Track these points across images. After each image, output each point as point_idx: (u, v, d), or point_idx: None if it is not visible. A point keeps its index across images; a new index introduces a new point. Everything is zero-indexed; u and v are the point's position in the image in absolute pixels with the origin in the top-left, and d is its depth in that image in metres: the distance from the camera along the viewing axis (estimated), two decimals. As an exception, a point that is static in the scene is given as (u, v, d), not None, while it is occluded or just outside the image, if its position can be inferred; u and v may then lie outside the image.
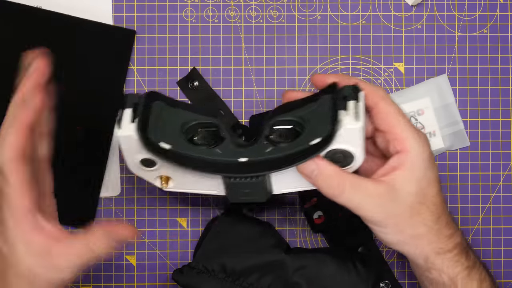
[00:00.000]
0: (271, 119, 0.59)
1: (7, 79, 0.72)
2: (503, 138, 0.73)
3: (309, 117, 0.58)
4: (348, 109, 0.56)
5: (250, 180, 0.58)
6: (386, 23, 0.73)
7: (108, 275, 0.72)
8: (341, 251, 0.69)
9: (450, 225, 0.59)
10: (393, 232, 0.58)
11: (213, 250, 0.67)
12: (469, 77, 0.73)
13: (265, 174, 0.58)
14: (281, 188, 0.61)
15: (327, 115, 0.56)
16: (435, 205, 0.58)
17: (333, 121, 0.55)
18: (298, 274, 0.66)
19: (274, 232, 0.70)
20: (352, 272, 0.67)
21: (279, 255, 0.67)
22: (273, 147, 0.57)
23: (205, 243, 0.68)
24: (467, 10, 0.73)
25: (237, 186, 0.59)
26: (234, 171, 0.58)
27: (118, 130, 0.57)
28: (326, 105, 0.57)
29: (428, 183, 0.57)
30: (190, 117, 0.59)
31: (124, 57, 0.72)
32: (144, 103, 0.58)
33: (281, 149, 0.57)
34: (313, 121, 0.57)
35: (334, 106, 0.56)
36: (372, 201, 0.57)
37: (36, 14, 0.71)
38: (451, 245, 0.59)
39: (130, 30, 0.72)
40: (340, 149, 0.57)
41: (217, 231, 0.69)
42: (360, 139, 0.56)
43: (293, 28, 0.73)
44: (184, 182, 0.61)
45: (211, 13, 0.73)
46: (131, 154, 0.59)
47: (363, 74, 0.73)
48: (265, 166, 0.57)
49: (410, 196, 0.57)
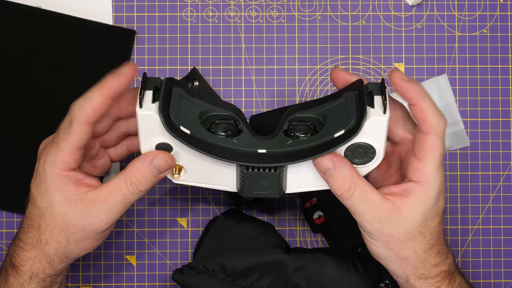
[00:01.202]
0: (291, 114, 0.59)
1: (7, 79, 0.72)
2: (503, 138, 0.73)
3: (331, 113, 0.58)
4: (375, 104, 0.56)
5: (267, 172, 0.57)
6: (386, 23, 0.73)
7: (108, 275, 0.72)
8: (341, 251, 0.69)
9: (441, 254, 0.60)
10: (382, 247, 0.59)
11: (213, 250, 0.67)
12: (469, 77, 0.73)
13: (285, 165, 0.57)
14: (294, 187, 0.61)
15: (352, 109, 0.56)
16: (432, 235, 0.59)
17: (360, 112, 0.55)
18: (298, 274, 0.66)
19: (274, 232, 0.70)
20: (352, 272, 0.67)
21: (279, 255, 0.67)
22: (293, 140, 0.58)
23: (205, 243, 0.68)
24: (467, 10, 0.73)
25: (253, 178, 0.58)
26: (254, 161, 0.57)
27: (139, 109, 0.56)
28: (352, 100, 0.57)
29: (433, 214, 0.58)
30: (208, 107, 0.59)
31: (124, 57, 0.72)
32: (165, 87, 0.57)
33: (301, 141, 0.57)
34: (335, 117, 0.57)
35: (361, 100, 0.56)
36: (374, 214, 0.57)
37: (36, 14, 0.71)
38: (435, 272, 0.59)
39: (130, 30, 0.72)
40: (364, 144, 0.57)
41: (217, 231, 0.69)
42: (384, 133, 0.56)
43: (293, 28, 0.73)
44: (196, 174, 0.61)
45: (211, 13, 0.73)
46: (149, 136, 0.58)
47: (363, 74, 0.73)
48: (285, 158, 0.57)
49: (412, 224, 0.58)
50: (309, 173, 0.59)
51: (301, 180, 0.60)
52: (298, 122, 0.59)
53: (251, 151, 0.57)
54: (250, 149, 0.57)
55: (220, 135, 0.58)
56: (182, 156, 0.59)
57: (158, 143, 0.58)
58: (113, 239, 0.72)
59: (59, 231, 0.58)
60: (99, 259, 0.72)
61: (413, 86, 0.56)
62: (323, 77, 0.73)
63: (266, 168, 0.57)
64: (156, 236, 0.72)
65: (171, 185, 0.72)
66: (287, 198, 0.73)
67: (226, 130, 0.58)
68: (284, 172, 0.59)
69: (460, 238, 0.73)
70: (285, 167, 0.58)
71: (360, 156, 0.58)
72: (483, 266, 0.73)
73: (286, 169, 0.59)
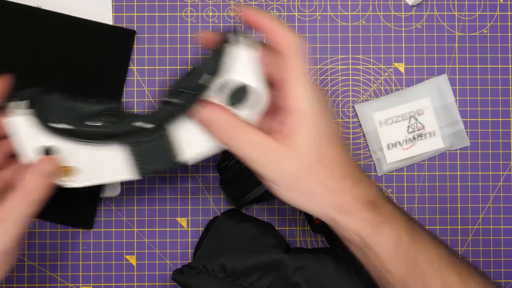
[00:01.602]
0: (162, 96, 0.59)
1: (7, 79, 0.72)
2: (503, 138, 0.73)
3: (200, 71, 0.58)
4: (241, 43, 0.56)
5: (154, 142, 0.58)
6: (386, 23, 0.73)
7: (108, 275, 0.72)
8: (342, 253, 0.69)
9: (360, 184, 0.57)
10: (289, 190, 0.56)
11: (213, 250, 0.67)
12: (469, 77, 0.73)
13: (161, 127, 0.57)
14: (192, 152, 0.59)
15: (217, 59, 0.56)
16: (333, 162, 0.56)
17: (219, 49, 0.56)
18: (298, 274, 0.66)
19: (274, 232, 0.70)
20: (352, 273, 0.67)
21: (279, 255, 0.67)
22: (169, 106, 0.57)
23: (205, 243, 0.68)
24: (467, 10, 0.73)
25: (143, 153, 0.58)
26: (135, 137, 0.58)
27: (11, 118, 0.57)
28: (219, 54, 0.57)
29: (326, 140, 0.56)
30: (84, 105, 0.59)
31: (124, 57, 0.72)
32: (38, 95, 0.58)
33: (175, 104, 0.57)
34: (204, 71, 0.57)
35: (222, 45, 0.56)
36: (266, 158, 0.55)
37: (36, 14, 0.71)
38: (357, 203, 0.56)
39: (130, 30, 0.72)
40: (240, 84, 0.56)
41: (217, 231, 0.69)
42: (258, 70, 0.56)
43: (293, 28, 0.73)
44: (90, 172, 0.60)
45: (211, 13, 0.73)
46: (29, 141, 0.58)
47: (363, 74, 0.73)
48: (163, 121, 0.57)
49: (305, 157, 0.55)
50: (199, 134, 0.58)
51: (193, 143, 0.59)
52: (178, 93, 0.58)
53: (129, 127, 0.58)
54: (127, 126, 0.58)
55: (97, 124, 0.58)
56: (71, 156, 0.59)
57: (41, 146, 0.58)
58: (113, 239, 0.72)
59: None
60: (99, 259, 0.72)
61: (261, 14, 0.55)
62: (323, 77, 0.73)
63: (150, 140, 0.57)
64: (156, 236, 0.72)
65: (171, 185, 0.72)
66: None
67: (104, 119, 0.58)
68: (170, 137, 0.58)
69: (460, 238, 0.73)
70: (167, 132, 0.58)
71: (242, 99, 0.57)
72: (483, 266, 0.73)
73: (171, 134, 0.58)
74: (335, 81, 0.73)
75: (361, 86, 0.73)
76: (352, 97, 0.73)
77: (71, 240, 0.72)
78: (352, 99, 0.73)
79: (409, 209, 0.73)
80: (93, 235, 0.72)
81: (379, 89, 0.73)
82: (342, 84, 0.73)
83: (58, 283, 0.72)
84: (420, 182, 0.73)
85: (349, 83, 0.73)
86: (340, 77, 0.73)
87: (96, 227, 0.72)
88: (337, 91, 0.73)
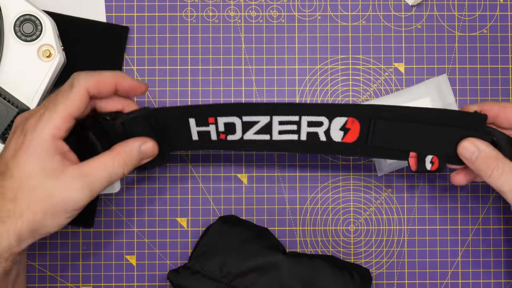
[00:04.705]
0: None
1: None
2: (503, 138, 0.73)
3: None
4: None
5: None
6: (386, 23, 0.73)
7: (108, 275, 0.72)
8: (338, 259, 0.69)
9: None
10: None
11: (210, 251, 0.67)
12: (469, 77, 0.73)
13: None
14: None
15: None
16: None
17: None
18: (294, 277, 0.66)
19: (271, 235, 0.70)
20: (347, 281, 0.67)
21: (275, 257, 0.67)
22: None
23: (201, 244, 0.68)
24: (467, 10, 0.73)
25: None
26: None
27: None
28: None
29: None
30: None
31: (117, 54, 0.71)
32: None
33: None
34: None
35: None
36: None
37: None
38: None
39: (122, 27, 0.72)
40: None
41: (214, 233, 0.69)
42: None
43: (293, 28, 0.73)
44: None
45: (211, 13, 0.73)
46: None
47: (363, 74, 0.73)
48: None
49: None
50: None
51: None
52: None
53: None
54: None
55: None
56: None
57: None
58: (113, 239, 0.72)
59: (36, 203, 0.55)
60: (99, 259, 0.72)
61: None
62: (323, 77, 0.73)
63: None
64: (156, 236, 0.72)
65: (171, 185, 0.72)
66: (288, 198, 0.72)
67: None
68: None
69: (460, 238, 0.73)
70: None
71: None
72: (483, 266, 0.73)
73: None
74: (335, 81, 0.73)
75: (361, 86, 0.73)
76: (352, 97, 0.73)
77: (71, 240, 0.72)
78: (352, 99, 0.73)
79: (409, 209, 0.73)
80: (93, 235, 0.72)
81: (379, 89, 0.73)
82: (342, 84, 0.73)
83: (58, 283, 0.72)
84: (420, 182, 0.73)
85: (349, 83, 0.73)
86: (340, 77, 0.73)
87: (96, 227, 0.72)
88: (337, 91, 0.73)
